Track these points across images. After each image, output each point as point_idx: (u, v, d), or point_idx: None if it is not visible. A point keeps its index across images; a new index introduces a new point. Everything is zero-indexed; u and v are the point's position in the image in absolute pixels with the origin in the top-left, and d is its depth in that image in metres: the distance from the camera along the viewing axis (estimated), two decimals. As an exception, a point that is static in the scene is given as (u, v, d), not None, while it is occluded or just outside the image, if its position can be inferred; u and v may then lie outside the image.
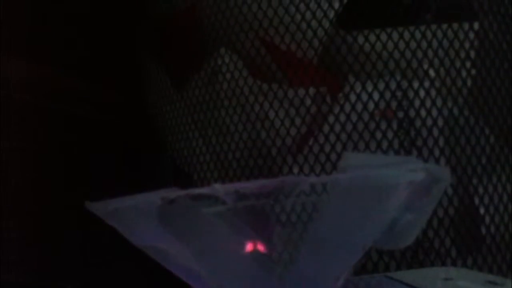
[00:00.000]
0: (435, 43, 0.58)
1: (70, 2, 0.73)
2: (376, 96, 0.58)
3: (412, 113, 0.57)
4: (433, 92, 0.58)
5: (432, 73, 0.58)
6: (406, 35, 0.57)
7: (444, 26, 0.58)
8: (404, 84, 0.58)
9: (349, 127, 0.57)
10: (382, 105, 0.57)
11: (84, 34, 0.73)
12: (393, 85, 0.58)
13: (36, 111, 0.70)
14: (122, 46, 0.74)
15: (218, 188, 0.32)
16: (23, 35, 0.69)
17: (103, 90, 0.74)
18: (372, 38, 0.57)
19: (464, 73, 0.58)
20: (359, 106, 0.57)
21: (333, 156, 0.57)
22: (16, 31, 0.69)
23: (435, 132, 0.57)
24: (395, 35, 0.57)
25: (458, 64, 0.58)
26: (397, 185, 0.33)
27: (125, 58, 0.73)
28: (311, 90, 0.59)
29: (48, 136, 0.71)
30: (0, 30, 0.67)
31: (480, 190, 0.58)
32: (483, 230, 0.58)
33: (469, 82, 0.59)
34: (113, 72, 0.74)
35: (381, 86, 0.58)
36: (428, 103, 0.57)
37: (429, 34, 0.57)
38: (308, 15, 0.58)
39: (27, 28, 0.70)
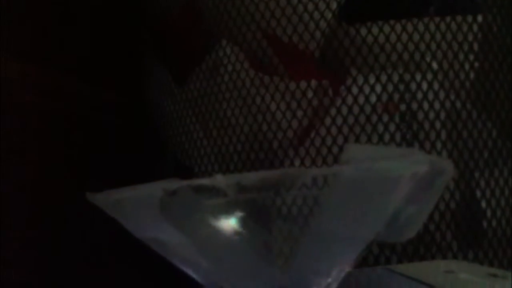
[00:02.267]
0: (438, 36, 0.57)
1: (70, 1, 0.73)
2: (378, 89, 0.57)
3: (414, 106, 0.57)
4: (435, 85, 0.58)
5: (435, 66, 0.58)
6: (409, 27, 0.57)
7: (448, 18, 0.57)
8: (407, 77, 0.57)
9: (351, 120, 0.57)
10: (384, 98, 0.57)
11: (84, 32, 0.73)
12: (395, 78, 0.57)
13: (36, 111, 0.70)
14: (122, 43, 0.74)
15: (220, 180, 0.32)
16: (23, 36, 0.69)
17: (104, 89, 0.74)
18: (375, 30, 0.57)
19: (467, 66, 0.58)
20: (361, 99, 0.57)
21: (335, 149, 0.57)
22: (17, 31, 0.69)
23: (437, 125, 0.57)
24: (398, 28, 0.57)
25: (461, 57, 0.58)
26: (399, 177, 0.33)
27: (126, 56, 0.73)
28: (313, 83, 0.58)
29: (48, 136, 0.71)
30: (1, 30, 0.67)
31: (482, 183, 0.58)
32: (485, 224, 0.58)
33: (472, 75, 0.58)
34: (113, 71, 0.74)
35: (384, 79, 0.57)
36: (430, 96, 0.57)
37: (432, 27, 0.57)
38: (311, 7, 0.58)
39: (28, 29, 0.70)
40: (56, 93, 0.71)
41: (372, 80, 0.57)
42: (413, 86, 0.57)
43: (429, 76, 0.58)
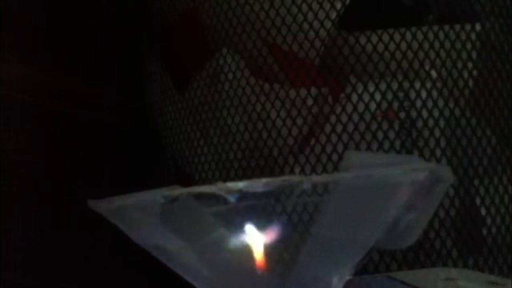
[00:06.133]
0: (437, 44, 0.58)
1: (72, 2, 0.73)
2: (377, 96, 0.58)
3: (413, 114, 0.57)
4: (434, 93, 0.58)
5: (433, 74, 0.58)
6: (408, 36, 0.57)
7: (446, 27, 0.58)
8: (406, 85, 0.58)
9: (350, 127, 0.57)
10: (383, 106, 0.57)
11: (86, 35, 0.74)
12: (394, 86, 0.58)
13: (37, 111, 0.70)
14: (124, 47, 0.74)
15: (221, 187, 0.32)
16: (24, 36, 0.70)
17: (105, 91, 0.74)
18: (374, 39, 0.58)
19: (465, 74, 0.58)
20: (361, 107, 0.57)
21: (335, 157, 0.58)
22: (18, 32, 0.69)
23: (437, 133, 0.57)
24: (397, 36, 0.57)
25: (459, 65, 0.58)
26: (399, 184, 0.33)
27: (127, 59, 0.73)
28: (313, 91, 0.59)
29: (48, 137, 0.71)
30: (2, 31, 0.67)
31: (482, 191, 0.58)
32: (484, 231, 0.58)
33: (470, 83, 0.59)
34: (115, 73, 0.74)
35: (383, 87, 0.58)
36: (429, 104, 0.58)
37: (431, 35, 0.58)
38: (310, 15, 0.58)
39: (29, 29, 0.70)
40: (57, 94, 0.71)
41: (371, 88, 0.58)
42: (412, 94, 0.57)
43: (428, 84, 0.58)
